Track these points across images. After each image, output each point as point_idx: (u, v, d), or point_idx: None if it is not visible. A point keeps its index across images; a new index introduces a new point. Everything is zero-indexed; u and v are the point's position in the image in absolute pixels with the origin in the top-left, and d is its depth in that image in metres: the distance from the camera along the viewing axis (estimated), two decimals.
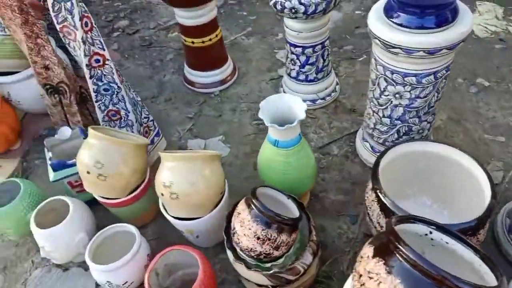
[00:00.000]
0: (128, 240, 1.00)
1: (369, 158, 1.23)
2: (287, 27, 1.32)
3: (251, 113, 1.50)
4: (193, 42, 1.50)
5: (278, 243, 0.82)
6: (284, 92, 1.50)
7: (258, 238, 0.81)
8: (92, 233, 1.05)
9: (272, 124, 0.93)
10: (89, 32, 1.03)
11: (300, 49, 1.34)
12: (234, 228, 0.86)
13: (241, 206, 0.86)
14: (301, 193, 1.07)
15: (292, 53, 1.37)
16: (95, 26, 1.05)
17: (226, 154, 1.36)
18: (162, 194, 0.95)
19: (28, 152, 1.47)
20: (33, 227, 1.02)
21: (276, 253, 0.84)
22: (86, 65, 1.06)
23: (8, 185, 1.13)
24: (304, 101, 1.44)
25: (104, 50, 1.08)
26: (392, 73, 0.98)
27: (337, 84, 1.51)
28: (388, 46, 0.93)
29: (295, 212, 0.90)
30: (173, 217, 1.00)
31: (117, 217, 1.13)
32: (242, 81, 1.65)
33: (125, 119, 1.23)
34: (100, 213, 1.15)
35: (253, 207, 0.82)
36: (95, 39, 1.05)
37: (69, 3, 0.97)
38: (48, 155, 1.17)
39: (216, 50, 1.55)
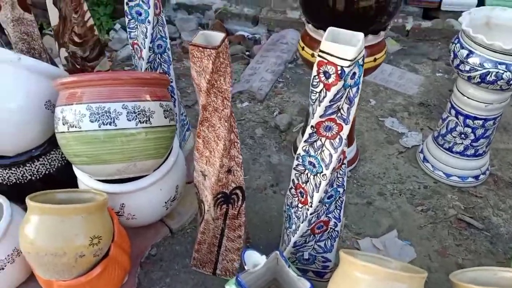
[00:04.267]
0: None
1: None
2: (468, 98, 1.14)
3: (406, 198, 1.26)
4: None
5: None
6: (433, 169, 1.30)
7: None
8: None
9: None
10: None
11: (481, 122, 1.16)
12: None
13: None
14: None
15: (467, 126, 1.18)
16: None
17: (415, 256, 1.10)
18: None
19: (139, 285, 1.03)
20: None
21: None
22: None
23: None
24: (465, 178, 1.27)
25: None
26: None
27: None
28: None
29: None
30: None
31: None
32: (366, 157, 1.41)
33: (330, 230, 0.91)
34: None
35: None
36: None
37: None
38: None
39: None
